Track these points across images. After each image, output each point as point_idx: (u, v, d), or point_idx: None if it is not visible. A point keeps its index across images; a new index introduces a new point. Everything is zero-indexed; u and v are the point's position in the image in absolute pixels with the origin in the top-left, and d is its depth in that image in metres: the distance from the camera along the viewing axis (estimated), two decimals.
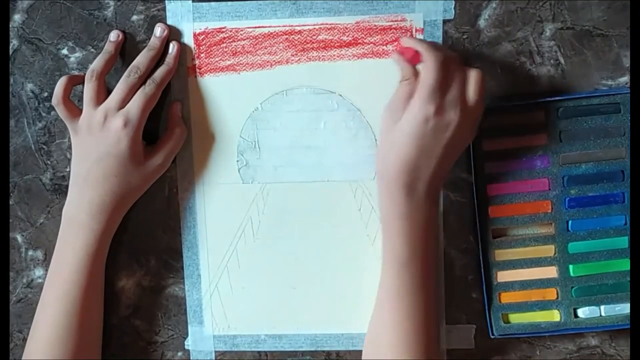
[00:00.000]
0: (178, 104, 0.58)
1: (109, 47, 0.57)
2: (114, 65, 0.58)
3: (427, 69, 0.51)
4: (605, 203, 0.57)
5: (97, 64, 0.56)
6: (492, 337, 0.58)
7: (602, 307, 0.58)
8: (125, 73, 0.56)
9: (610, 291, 0.57)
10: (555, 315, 0.58)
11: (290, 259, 0.60)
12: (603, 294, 0.57)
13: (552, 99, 0.56)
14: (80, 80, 0.57)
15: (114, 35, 0.57)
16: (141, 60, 0.56)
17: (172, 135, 0.58)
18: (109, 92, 0.56)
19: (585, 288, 0.58)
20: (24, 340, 0.62)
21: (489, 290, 0.58)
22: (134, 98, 0.55)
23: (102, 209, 0.56)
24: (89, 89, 0.56)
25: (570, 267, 0.58)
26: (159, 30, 0.57)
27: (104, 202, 0.55)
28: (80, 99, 0.57)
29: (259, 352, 0.62)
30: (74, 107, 0.57)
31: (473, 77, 0.52)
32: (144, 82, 0.56)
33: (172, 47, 0.57)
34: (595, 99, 0.56)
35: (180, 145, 0.58)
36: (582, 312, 0.58)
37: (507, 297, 0.58)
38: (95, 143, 0.55)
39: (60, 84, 0.56)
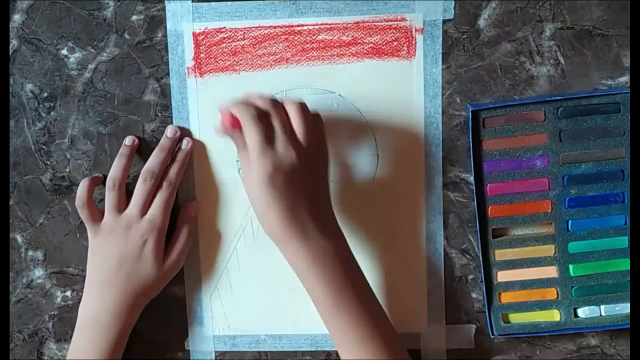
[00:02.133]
0: (196, 205, 0.59)
1: (124, 151, 0.58)
2: (114, 65, 0.58)
3: (246, 131, 0.51)
4: (605, 203, 0.57)
5: (116, 172, 0.57)
6: (492, 337, 0.58)
7: (602, 306, 0.58)
8: (140, 178, 0.57)
9: (610, 291, 0.57)
10: (555, 315, 0.58)
11: None
12: (603, 294, 0.58)
13: (552, 98, 0.56)
14: (101, 181, 0.59)
15: (129, 140, 0.58)
16: (154, 162, 0.57)
17: (181, 235, 0.59)
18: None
19: (586, 288, 0.58)
20: (24, 340, 0.62)
21: (489, 290, 0.58)
22: (154, 203, 0.57)
23: (124, 308, 0.57)
24: (110, 198, 0.57)
25: (570, 266, 0.58)
26: (170, 131, 0.58)
27: (126, 303, 0.57)
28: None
29: (259, 352, 0.62)
30: (97, 211, 0.58)
31: (292, 110, 0.52)
32: (159, 184, 0.57)
33: (186, 144, 0.58)
34: (595, 98, 0.56)
35: (190, 244, 0.59)
36: (582, 312, 0.58)
37: (507, 297, 0.58)
38: (118, 247, 0.56)
39: (83, 187, 0.57)
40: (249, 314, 0.61)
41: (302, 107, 0.52)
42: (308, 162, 0.51)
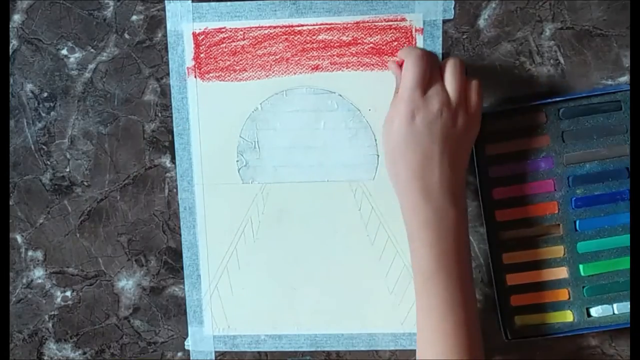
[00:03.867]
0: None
1: None
2: (114, 65, 0.58)
3: (405, 68, 0.51)
4: (612, 201, 0.56)
5: None
6: (507, 340, 0.57)
7: (615, 305, 0.57)
8: None
9: (622, 289, 0.57)
10: (568, 316, 0.58)
11: (290, 259, 0.60)
12: (615, 292, 0.57)
13: (553, 99, 0.56)
14: None
15: None
16: None
17: None
18: None
19: (597, 287, 0.57)
20: (24, 340, 0.62)
21: (500, 294, 0.58)
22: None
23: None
24: None
25: (581, 266, 0.57)
26: None
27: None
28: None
29: (259, 352, 0.62)
30: None
31: (449, 64, 0.52)
32: None
33: None
34: (595, 97, 0.56)
35: None
36: (595, 311, 0.58)
37: (518, 300, 0.58)
38: None
39: None
40: (249, 314, 0.61)
41: (459, 66, 0.52)
42: (453, 117, 0.51)
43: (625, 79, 0.56)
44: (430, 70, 0.51)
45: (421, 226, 0.51)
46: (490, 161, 0.57)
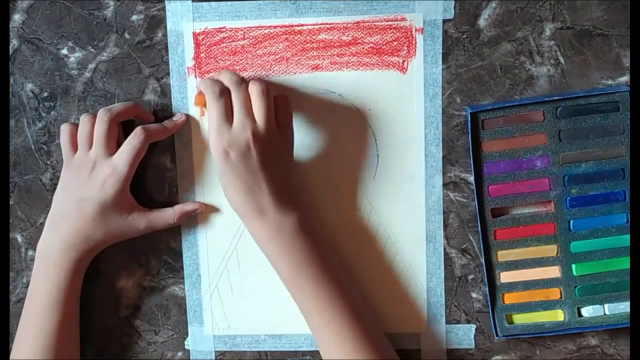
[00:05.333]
0: (195, 205, 0.59)
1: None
2: (114, 65, 0.58)
3: (207, 105, 0.53)
4: (607, 202, 0.57)
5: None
6: (496, 338, 0.58)
7: (606, 305, 0.57)
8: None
9: (614, 290, 0.57)
10: (559, 315, 0.58)
11: None
12: (606, 293, 0.57)
13: (550, 98, 0.56)
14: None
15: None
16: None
17: (164, 211, 0.58)
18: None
19: (589, 287, 0.58)
20: None
21: (492, 291, 0.58)
22: (121, 149, 0.55)
23: (71, 248, 0.56)
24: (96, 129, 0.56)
25: (573, 266, 0.57)
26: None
27: (74, 242, 0.56)
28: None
29: (259, 352, 0.61)
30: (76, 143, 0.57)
31: (253, 92, 0.53)
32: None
33: (179, 117, 0.58)
34: (593, 97, 0.56)
35: (163, 227, 0.58)
36: (586, 311, 0.58)
37: (510, 298, 0.58)
38: (81, 185, 0.56)
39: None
40: (249, 314, 0.61)
41: (264, 89, 0.53)
42: (265, 143, 0.52)
43: (625, 79, 0.56)
44: (233, 99, 0.52)
45: (268, 241, 0.54)
46: (486, 158, 0.57)
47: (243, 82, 0.53)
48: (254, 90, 0.53)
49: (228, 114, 0.52)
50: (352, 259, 0.59)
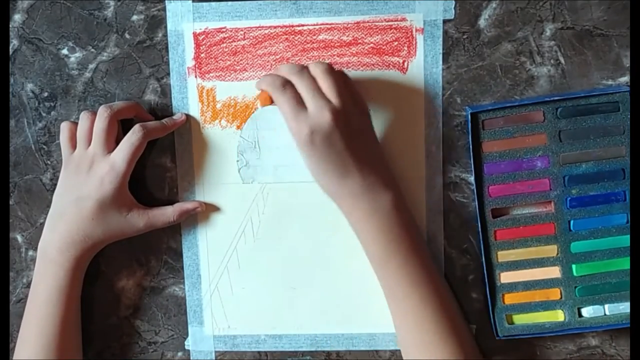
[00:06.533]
0: (196, 204, 0.59)
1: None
2: (115, 65, 0.58)
3: (275, 101, 0.52)
4: (607, 202, 0.57)
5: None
6: (497, 338, 0.58)
7: (606, 306, 0.57)
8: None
9: (614, 290, 0.57)
10: (559, 315, 0.58)
11: (290, 259, 0.60)
12: (607, 293, 0.57)
13: (551, 98, 0.56)
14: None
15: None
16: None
17: (164, 209, 0.58)
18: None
19: (589, 287, 0.58)
20: None
21: (493, 292, 0.58)
22: (119, 146, 0.55)
23: (70, 246, 0.56)
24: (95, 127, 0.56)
25: (573, 266, 0.57)
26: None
27: (73, 241, 0.56)
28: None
29: (259, 352, 0.61)
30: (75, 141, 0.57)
31: (318, 73, 0.52)
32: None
33: (179, 116, 0.58)
34: (593, 98, 0.56)
35: (163, 224, 0.58)
36: (587, 312, 0.58)
37: (510, 298, 0.58)
38: (79, 183, 0.56)
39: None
40: (249, 314, 0.61)
41: (328, 67, 0.52)
42: (346, 120, 0.51)
43: (626, 79, 0.56)
44: (298, 87, 0.52)
45: (362, 221, 0.53)
46: (486, 158, 0.57)
47: (304, 68, 0.53)
48: (318, 71, 0.52)
49: (299, 101, 0.51)
50: (352, 258, 0.59)
